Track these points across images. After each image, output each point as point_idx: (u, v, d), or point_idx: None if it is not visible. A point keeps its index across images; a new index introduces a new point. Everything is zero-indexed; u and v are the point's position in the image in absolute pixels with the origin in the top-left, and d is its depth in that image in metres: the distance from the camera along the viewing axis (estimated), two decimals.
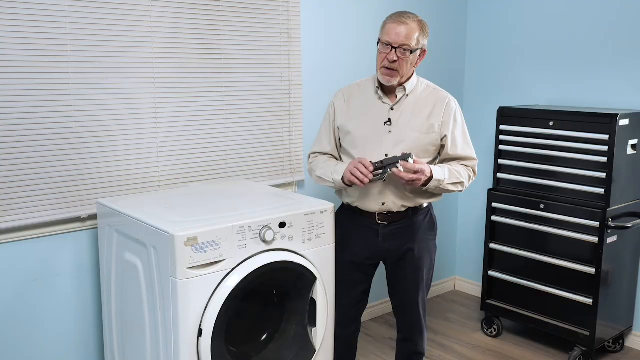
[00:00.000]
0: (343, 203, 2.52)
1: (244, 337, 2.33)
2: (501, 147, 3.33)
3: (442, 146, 2.41)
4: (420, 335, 2.58)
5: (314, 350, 2.38)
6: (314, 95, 3.13)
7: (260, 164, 3.00)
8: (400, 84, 2.35)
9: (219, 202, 2.41)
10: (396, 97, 2.37)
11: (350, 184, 2.32)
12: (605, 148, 2.91)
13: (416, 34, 2.27)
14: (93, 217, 2.49)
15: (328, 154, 2.50)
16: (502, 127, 3.30)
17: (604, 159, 2.91)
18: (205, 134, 2.79)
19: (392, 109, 2.37)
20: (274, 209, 2.30)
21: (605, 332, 3.12)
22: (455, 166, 2.39)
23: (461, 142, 2.42)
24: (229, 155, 2.89)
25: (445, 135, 2.38)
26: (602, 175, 2.93)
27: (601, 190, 2.95)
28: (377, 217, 2.40)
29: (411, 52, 2.27)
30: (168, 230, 2.00)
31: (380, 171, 2.24)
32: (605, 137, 2.90)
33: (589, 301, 3.01)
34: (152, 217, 2.15)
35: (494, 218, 3.38)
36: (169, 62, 2.64)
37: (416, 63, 2.35)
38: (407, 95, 2.37)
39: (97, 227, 2.49)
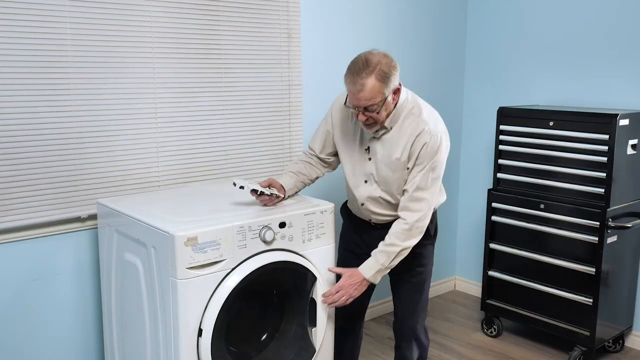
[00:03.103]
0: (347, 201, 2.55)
1: (244, 337, 2.33)
2: (501, 147, 3.33)
3: None
4: (410, 343, 2.51)
5: (314, 350, 2.38)
6: (314, 95, 3.13)
7: (260, 164, 3.00)
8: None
9: (219, 202, 2.41)
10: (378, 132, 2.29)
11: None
12: (605, 148, 2.91)
13: (377, 89, 2.10)
14: (93, 217, 2.49)
15: (314, 155, 2.50)
16: (502, 127, 3.30)
17: (604, 159, 2.91)
18: (205, 134, 2.79)
19: (374, 136, 2.30)
20: (274, 209, 2.30)
21: (605, 332, 3.12)
22: (387, 240, 2.26)
23: (416, 190, 2.24)
24: (229, 155, 2.89)
25: (408, 169, 2.26)
26: (602, 175, 2.93)
27: (601, 190, 2.95)
28: (371, 222, 2.43)
29: (380, 107, 2.14)
30: (168, 230, 2.00)
31: (267, 193, 2.30)
32: (605, 137, 2.90)
33: (589, 301, 3.01)
34: (152, 217, 2.15)
35: (494, 218, 3.38)
36: (169, 62, 2.64)
37: (393, 102, 2.21)
38: (391, 129, 2.26)
39: (97, 227, 2.49)
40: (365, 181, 2.35)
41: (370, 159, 2.32)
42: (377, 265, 2.26)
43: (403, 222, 2.26)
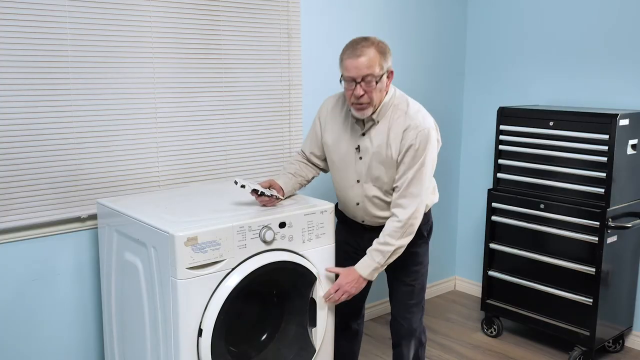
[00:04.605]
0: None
1: (244, 337, 2.33)
2: (501, 147, 3.33)
3: None
4: (408, 341, 2.51)
5: (314, 350, 2.38)
6: (314, 95, 3.12)
7: (260, 164, 3.00)
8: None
9: (219, 202, 2.41)
10: (365, 124, 2.30)
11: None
12: (605, 148, 2.91)
13: (376, 60, 2.15)
14: (93, 217, 2.49)
15: (306, 155, 2.52)
16: (502, 127, 3.30)
17: (604, 159, 2.91)
18: (205, 134, 2.79)
19: (363, 134, 2.31)
20: (274, 209, 2.30)
21: (605, 332, 3.12)
22: (381, 239, 2.27)
23: (406, 187, 2.25)
24: (229, 155, 2.89)
25: (398, 164, 2.26)
26: (602, 175, 2.93)
27: (601, 190, 2.95)
28: (363, 223, 2.44)
29: (377, 81, 2.17)
30: (168, 230, 2.00)
31: (268, 194, 2.29)
32: (605, 137, 2.90)
33: (589, 301, 3.01)
34: (152, 217, 2.15)
35: (494, 218, 3.38)
36: (169, 62, 2.64)
37: (386, 87, 2.24)
38: (377, 122, 2.28)
39: (97, 227, 2.49)
40: (358, 181, 2.35)
41: (361, 157, 2.32)
42: (373, 263, 2.27)
43: (396, 219, 2.26)
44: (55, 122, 2.36)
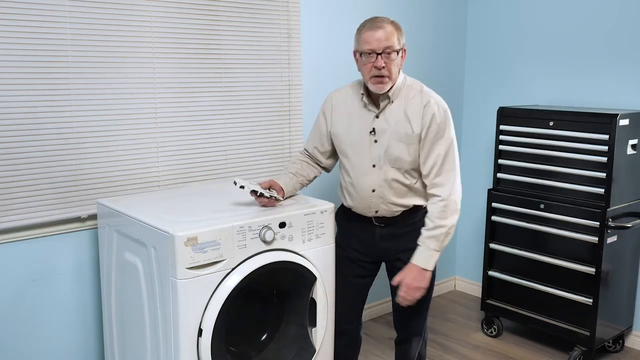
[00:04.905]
0: (343, 204, 2.52)
1: (244, 337, 2.33)
2: (501, 147, 3.33)
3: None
4: (417, 338, 2.55)
5: (314, 351, 2.38)
6: (314, 95, 3.13)
7: (260, 164, 3.00)
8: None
9: (219, 202, 2.41)
10: (380, 105, 2.32)
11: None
12: (605, 148, 2.91)
13: (395, 35, 2.23)
14: (93, 217, 2.49)
15: (309, 154, 2.53)
16: (502, 127, 3.30)
17: (604, 159, 2.91)
18: (205, 134, 2.79)
19: (377, 116, 2.32)
20: (274, 209, 2.30)
21: (605, 332, 3.12)
22: (429, 225, 2.27)
23: (440, 164, 2.26)
24: (229, 155, 2.89)
25: (422, 141, 2.27)
26: (602, 175, 2.93)
27: (601, 190, 2.95)
28: (373, 220, 2.40)
29: (397, 53, 2.24)
30: (168, 230, 2.00)
31: (267, 195, 2.28)
32: (605, 137, 2.90)
33: (589, 301, 3.01)
34: (152, 217, 2.15)
35: (494, 218, 3.38)
36: (169, 62, 2.64)
37: (400, 64, 2.30)
38: (392, 102, 2.31)
39: (97, 227, 2.49)
40: (374, 165, 2.33)
41: (376, 141, 2.31)
42: (428, 252, 2.27)
43: (438, 199, 2.27)
44: (55, 122, 2.36)
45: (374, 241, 2.41)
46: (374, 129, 2.31)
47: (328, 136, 2.45)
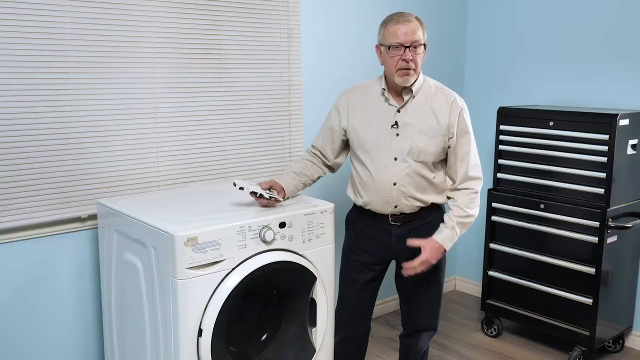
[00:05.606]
0: (355, 204, 2.49)
1: (244, 337, 2.33)
2: (501, 147, 3.33)
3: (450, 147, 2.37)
4: (429, 332, 2.60)
5: (314, 351, 2.38)
6: (314, 95, 3.13)
7: (260, 164, 3.00)
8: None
9: (219, 202, 2.41)
10: (403, 99, 2.34)
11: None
12: (605, 148, 2.91)
13: (420, 30, 2.28)
14: (93, 217, 2.49)
15: (319, 150, 2.51)
16: (502, 127, 3.30)
17: (604, 159, 2.91)
18: (205, 134, 2.79)
19: (398, 111, 2.33)
20: (274, 209, 2.30)
21: (605, 332, 3.12)
22: (459, 212, 2.35)
23: (469, 148, 2.37)
24: (229, 155, 2.89)
25: (452, 138, 2.35)
26: (602, 175, 2.93)
27: (601, 190, 2.95)
28: (390, 218, 2.39)
29: (423, 47, 2.29)
30: (168, 230, 2.00)
31: (266, 196, 2.28)
32: (605, 137, 2.90)
33: (589, 301, 3.01)
34: (152, 217, 2.15)
35: (494, 218, 3.38)
36: (169, 62, 2.64)
37: (423, 59, 2.34)
38: (414, 97, 2.34)
39: (97, 227, 2.49)
40: (396, 158, 2.32)
41: (398, 134, 2.32)
42: (455, 236, 2.34)
43: (470, 191, 2.36)
44: (55, 122, 2.36)
45: (389, 242, 2.41)
46: (396, 122, 2.33)
47: (340, 133, 2.44)
